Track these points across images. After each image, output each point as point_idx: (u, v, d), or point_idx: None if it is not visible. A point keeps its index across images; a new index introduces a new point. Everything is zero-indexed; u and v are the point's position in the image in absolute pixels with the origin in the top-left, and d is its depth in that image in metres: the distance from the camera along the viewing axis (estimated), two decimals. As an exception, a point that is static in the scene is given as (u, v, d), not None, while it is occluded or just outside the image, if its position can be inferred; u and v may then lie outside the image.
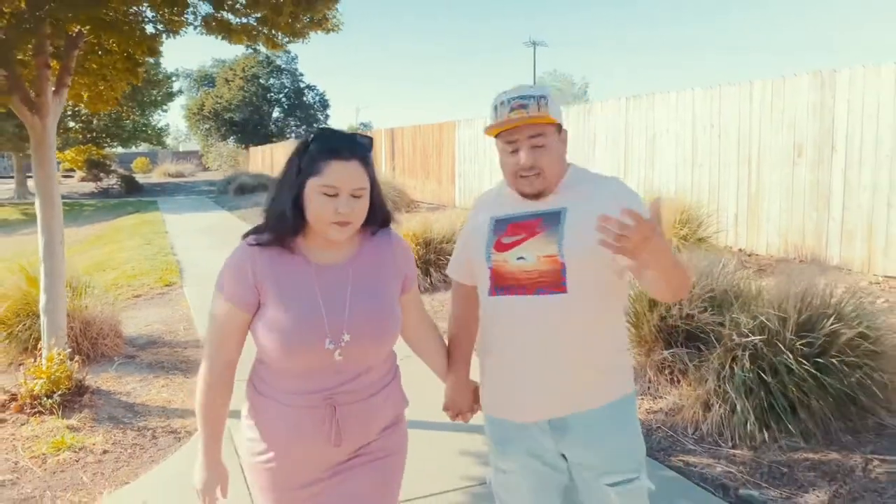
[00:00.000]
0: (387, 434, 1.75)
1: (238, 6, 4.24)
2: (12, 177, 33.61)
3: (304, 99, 51.05)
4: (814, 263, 6.49)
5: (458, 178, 14.41)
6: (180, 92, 35.14)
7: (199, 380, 1.68)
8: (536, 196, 1.74)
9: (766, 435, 3.38)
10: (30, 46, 3.87)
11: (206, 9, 4.34)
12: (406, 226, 7.76)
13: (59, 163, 32.62)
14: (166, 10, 3.70)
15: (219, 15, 4.25)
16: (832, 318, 3.53)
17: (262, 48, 4.80)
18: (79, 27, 3.75)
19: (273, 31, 4.34)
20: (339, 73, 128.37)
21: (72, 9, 3.33)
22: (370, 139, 1.65)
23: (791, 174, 6.92)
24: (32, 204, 26.38)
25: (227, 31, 4.18)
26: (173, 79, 30.53)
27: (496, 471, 1.87)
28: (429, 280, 7.36)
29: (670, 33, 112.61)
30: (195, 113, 47.63)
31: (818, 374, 3.40)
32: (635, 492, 1.72)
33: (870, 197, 6.16)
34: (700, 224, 6.93)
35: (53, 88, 4.23)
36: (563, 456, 1.77)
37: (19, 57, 4.02)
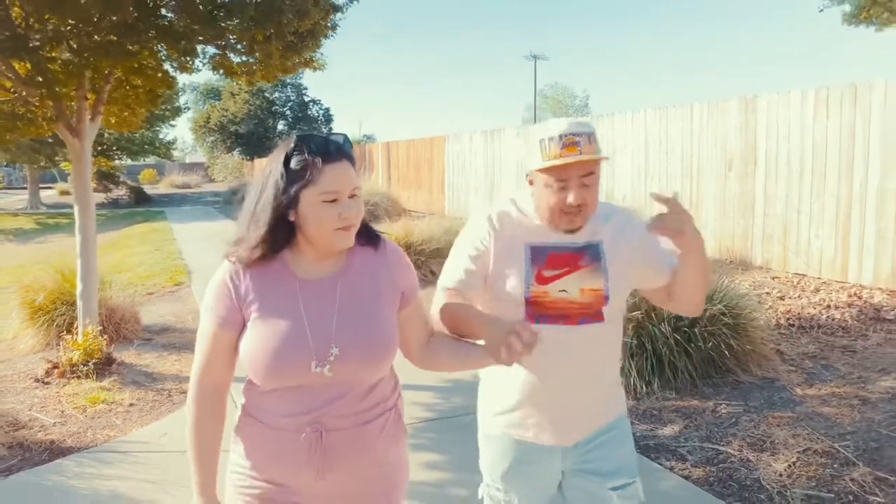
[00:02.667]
0: (385, 471, 1.64)
1: (239, 47, 5.26)
2: (25, 188, 34.82)
3: (309, 112, 52.22)
4: (741, 264, 7.47)
5: (447, 189, 15.41)
6: (187, 107, 36.21)
7: (188, 406, 1.59)
8: (572, 232, 1.73)
9: (645, 388, 4.34)
10: (73, 84, 4.89)
11: (212, 50, 5.37)
12: (389, 230, 8.78)
13: (69, 174, 33.71)
14: (182, 58, 4.71)
15: (222, 55, 5.27)
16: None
17: (258, 82, 5.81)
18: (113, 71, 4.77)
19: (267, 71, 5.36)
20: (342, 85, 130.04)
21: (110, 59, 4.34)
22: (346, 136, 1.59)
23: (724, 186, 7.90)
24: (45, 214, 27.55)
25: (229, 70, 5.22)
26: (181, 93, 31.71)
27: (496, 490, 1.89)
28: (408, 279, 8.34)
29: (675, 48, 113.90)
30: (201, 126, 48.82)
31: (687, 341, 4.38)
32: (633, 494, 1.82)
33: (784, 205, 7.13)
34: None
35: (90, 116, 5.26)
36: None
37: (64, 91, 5.03)
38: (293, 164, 1.48)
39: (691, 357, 4.36)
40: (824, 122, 6.66)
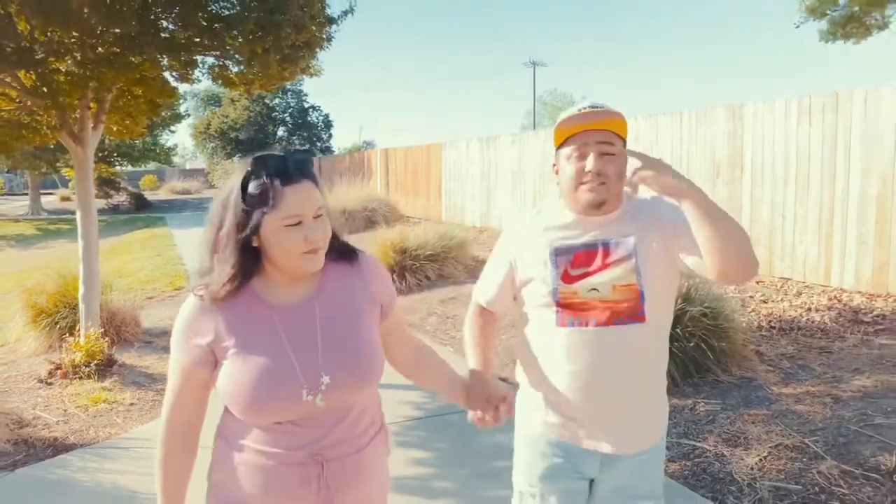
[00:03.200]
0: (377, 491, 1.62)
1: (238, 58, 5.44)
2: (26, 194, 35.01)
3: (309, 119, 52.47)
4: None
5: (444, 195, 15.58)
6: (187, 114, 36.47)
7: (158, 441, 1.53)
8: (598, 206, 1.67)
9: (628, 387, 4.49)
10: (77, 95, 5.07)
11: (211, 61, 5.55)
12: (385, 236, 8.95)
13: (69, 180, 33.83)
14: (183, 69, 4.89)
15: (221, 66, 5.44)
16: (681, 300, 4.66)
17: (257, 91, 5.99)
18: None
19: (265, 80, 5.53)
20: (341, 91, 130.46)
21: (113, 70, 4.52)
22: (307, 152, 1.55)
23: (712, 191, 8.06)
24: (46, 220, 27.70)
25: (227, 81, 5.40)
26: (181, 100, 31.91)
27: (530, 497, 1.85)
28: (404, 283, 8.50)
29: (674, 54, 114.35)
30: (202, 132, 49.02)
31: (669, 341, 4.52)
32: None
33: (769, 210, 7.30)
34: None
35: (92, 125, 5.44)
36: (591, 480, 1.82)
37: (67, 101, 5.21)
38: (251, 188, 1.40)
39: (673, 357, 4.51)
40: (807, 129, 6.83)
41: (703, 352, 4.58)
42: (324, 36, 5.40)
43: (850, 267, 6.43)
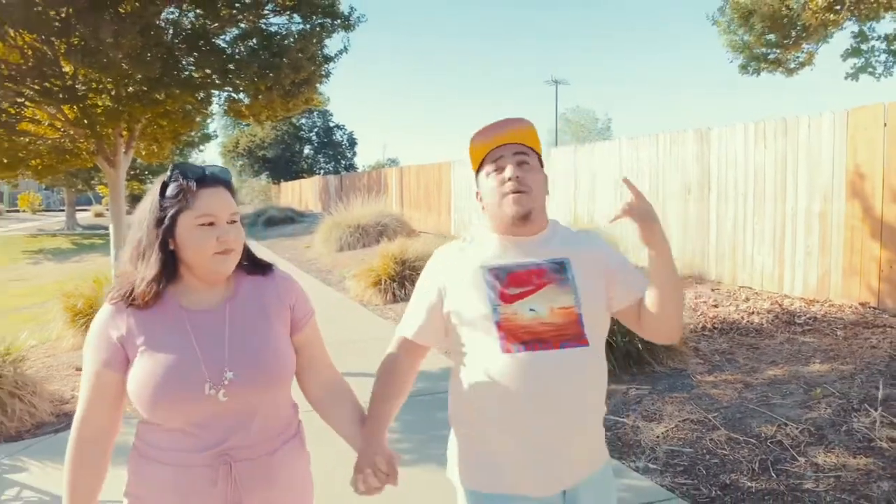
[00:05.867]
0: (293, 496, 1.64)
1: (244, 95, 6.33)
2: (63, 210, 36.64)
3: (334, 137, 53.93)
4: (698, 278, 8.32)
5: (454, 212, 16.39)
6: (216, 134, 37.89)
7: (66, 454, 1.52)
8: (524, 219, 1.64)
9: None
10: (112, 126, 5.99)
11: (224, 95, 6.46)
12: (387, 248, 9.78)
13: (102, 197, 35.17)
14: (199, 104, 5.79)
15: (233, 101, 6.34)
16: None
17: (264, 122, 6.89)
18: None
19: (271, 112, 6.42)
20: (367, 110, 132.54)
21: (142, 106, 5.42)
22: (226, 168, 1.62)
23: (685, 208, 8.77)
24: (80, 235, 28.96)
25: (238, 113, 6.30)
26: (210, 120, 33.27)
27: None
28: (403, 291, 9.30)
29: (697, 70, 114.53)
30: (230, 150, 50.62)
31: (611, 335, 5.25)
32: None
33: (732, 226, 7.99)
34: (624, 249, 8.78)
35: (124, 150, 6.36)
36: None
37: (104, 131, 6.13)
38: (169, 190, 1.51)
39: (615, 350, 5.24)
40: (763, 151, 7.53)
41: (646, 346, 5.29)
42: (322, 73, 6.26)
43: (799, 276, 7.09)
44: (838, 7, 6.54)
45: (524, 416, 1.60)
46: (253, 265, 1.67)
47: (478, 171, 1.74)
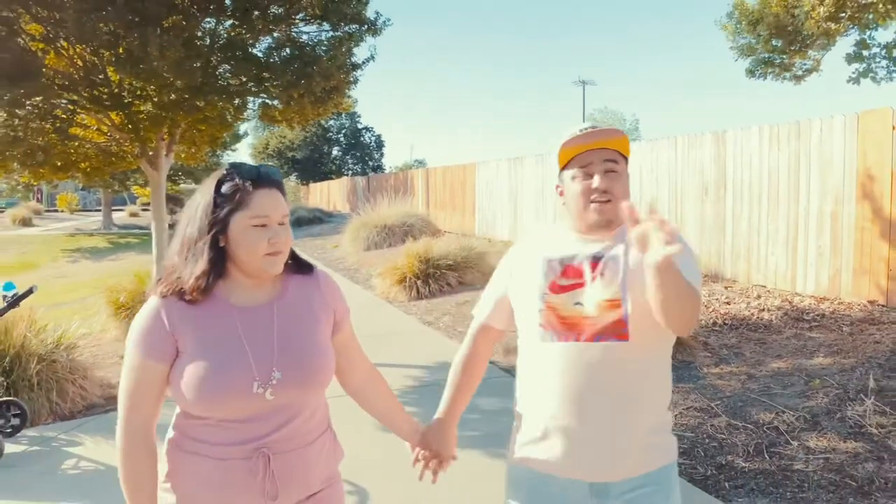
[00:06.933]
0: (326, 492, 1.68)
1: (278, 102, 6.71)
2: (99, 210, 37.67)
3: (362, 139, 54.56)
4: (715, 277, 8.54)
5: (477, 212, 16.70)
6: (246, 134, 38.62)
7: (118, 447, 1.55)
8: (606, 226, 1.66)
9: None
10: (156, 131, 6.41)
11: (259, 101, 6.85)
12: (412, 247, 10.13)
13: (137, 198, 36.05)
14: (235, 110, 6.19)
15: (266, 106, 6.73)
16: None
17: (296, 126, 7.27)
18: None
19: (302, 117, 6.80)
20: (393, 110, 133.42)
21: (183, 112, 5.83)
22: (278, 169, 1.65)
23: (702, 209, 8.98)
24: (116, 234, 29.74)
25: (271, 119, 6.69)
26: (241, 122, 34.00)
27: None
28: (427, 288, 9.63)
29: (724, 70, 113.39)
30: (261, 151, 51.42)
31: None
32: None
33: (747, 226, 8.19)
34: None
35: (165, 153, 6.78)
36: None
37: (147, 135, 6.55)
38: (224, 189, 1.52)
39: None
40: (777, 153, 7.73)
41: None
42: (350, 80, 6.62)
43: (811, 275, 7.28)
44: (841, 15, 6.71)
45: (556, 404, 1.64)
46: (297, 264, 1.71)
47: (563, 169, 1.74)
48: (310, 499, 1.64)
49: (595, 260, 1.65)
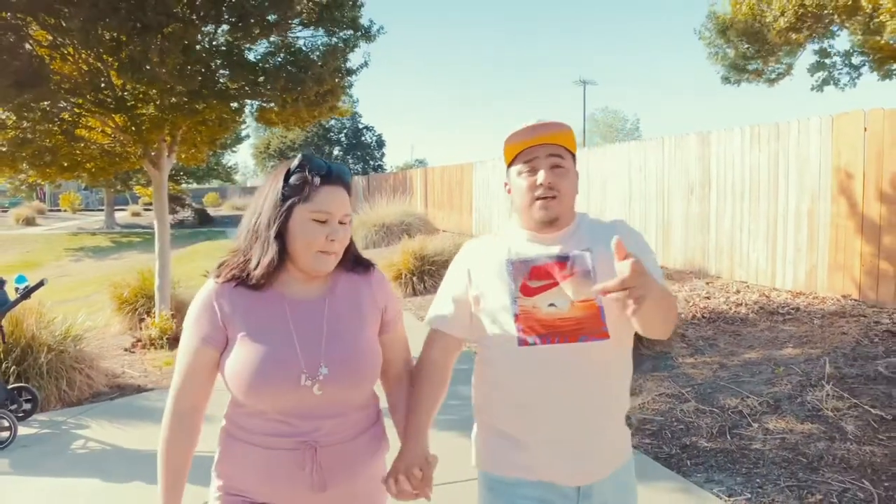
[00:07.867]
0: (374, 483, 1.65)
1: (273, 104, 6.99)
2: (102, 209, 37.97)
3: (363, 139, 54.80)
4: (699, 274, 8.81)
5: (474, 211, 16.97)
6: (247, 135, 39.03)
7: (163, 424, 1.57)
8: (551, 223, 1.65)
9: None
10: (157, 132, 6.70)
11: (255, 104, 7.14)
12: (407, 245, 10.41)
13: (139, 197, 36.35)
14: (233, 113, 6.47)
15: (263, 109, 7.02)
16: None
17: (293, 128, 7.54)
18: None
19: (297, 119, 7.07)
20: (394, 110, 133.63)
21: (183, 115, 6.11)
22: (348, 169, 1.62)
23: (687, 207, 9.25)
24: (119, 233, 30.00)
25: (268, 121, 6.97)
26: (243, 124, 34.29)
27: None
28: (422, 284, 9.92)
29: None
30: (262, 151, 51.66)
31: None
32: None
33: (730, 224, 8.46)
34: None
35: (167, 154, 7.06)
36: None
37: (149, 137, 6.83)
38: (292, 179, 1.54)
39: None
40: (758, 154, 8.00)
41: (635, 333, 5.82)
42: (344, 84, 6.89)
43: (789, 271, 7.55)
44: (799, 25, 6.96)
45: (542, 408, 1.61)
46: (355, 263, 1.70)
47: (510, 166, 1.73)
48: (358, 491, 1.63)
49: (561, 260, 1.64)
